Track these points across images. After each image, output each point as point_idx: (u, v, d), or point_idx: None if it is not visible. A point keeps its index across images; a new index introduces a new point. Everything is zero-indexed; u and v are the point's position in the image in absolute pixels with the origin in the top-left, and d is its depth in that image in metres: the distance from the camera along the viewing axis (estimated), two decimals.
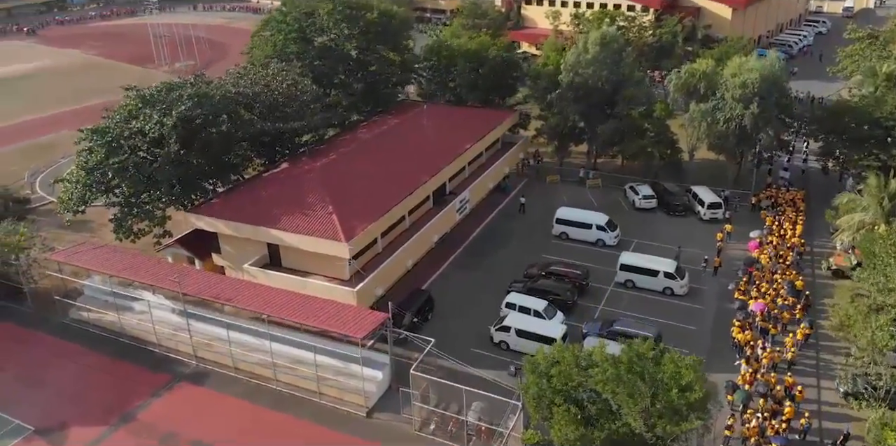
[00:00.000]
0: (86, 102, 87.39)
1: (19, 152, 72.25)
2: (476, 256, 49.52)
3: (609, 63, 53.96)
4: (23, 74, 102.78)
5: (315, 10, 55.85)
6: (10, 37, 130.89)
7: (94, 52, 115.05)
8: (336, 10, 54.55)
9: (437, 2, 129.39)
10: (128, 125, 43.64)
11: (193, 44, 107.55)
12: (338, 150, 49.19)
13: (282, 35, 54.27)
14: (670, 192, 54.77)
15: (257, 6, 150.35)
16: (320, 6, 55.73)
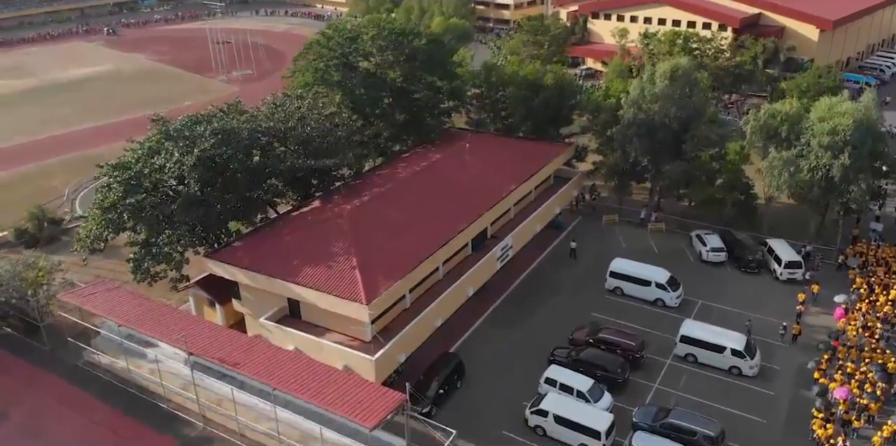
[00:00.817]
0: (141, 112, 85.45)
1: (65, 165, 70.49)
2: (516, 311, 44.30)
3: (678, 98, 47.85)
4: (84, 78, 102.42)
5: (360, 34, 51.57)
6: (79, 37, 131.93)
7: (157, 58, 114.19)
8: (381, 36, 50.09)
9: (501, 12, 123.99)
10: (150, 160, 40.22)
11: (252, 51, 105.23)
12: (372, 190, 44.69)
13: (323, 61, 50.16)
14: (743, 245, 48.21)
15: (320, 13, 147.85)
16: (365, 31, 51.39)
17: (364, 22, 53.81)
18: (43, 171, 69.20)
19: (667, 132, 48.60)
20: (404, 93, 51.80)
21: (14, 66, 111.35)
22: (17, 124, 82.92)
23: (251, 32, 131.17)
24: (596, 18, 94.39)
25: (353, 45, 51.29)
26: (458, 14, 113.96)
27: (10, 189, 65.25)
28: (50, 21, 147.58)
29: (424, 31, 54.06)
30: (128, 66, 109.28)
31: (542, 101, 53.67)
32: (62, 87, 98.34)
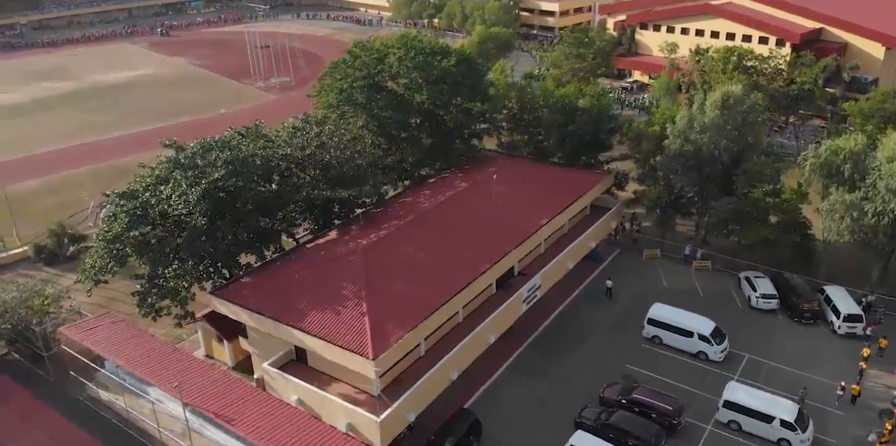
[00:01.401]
0: (175, 120, 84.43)
1: (95, 174, 69.05)
2: (542, 358, 40.56)
3: (730, 129, 43.46)
4: (124, 82, 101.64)
5: (387, 54, 48.32)
6: (122, 39, 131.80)
7: (198, 62, 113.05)
8: (408, 57, 46.74)
9: (546, 19, 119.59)
10: (158, 189, 37.71)
11: (290, 56, 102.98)
12: (391, 222, 41.47)
13: (348, 82, 47.06)
14: (797, 291, 43.52)
15: (362, 17, 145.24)
16: (392, 51, 48.08)
17: (393, 40, 50.57)
18: (72, 181, 67.90)
19: (716, 165, 44.21)
20: (432, 115, 48.48)
21: (58, 67, 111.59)
22: (53, 130, 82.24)
23: (291, 37, 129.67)
24: (644, 29, 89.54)
25: (380, 65, 48.11)
26: (501, 21, 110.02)
27: (37, 199, 64.06)
28: (98, 21, 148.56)
29: (454, 50, 50.26)
30: (167, 71, 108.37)
31: (577, 127, 49.67)
32: (101, 91, 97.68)
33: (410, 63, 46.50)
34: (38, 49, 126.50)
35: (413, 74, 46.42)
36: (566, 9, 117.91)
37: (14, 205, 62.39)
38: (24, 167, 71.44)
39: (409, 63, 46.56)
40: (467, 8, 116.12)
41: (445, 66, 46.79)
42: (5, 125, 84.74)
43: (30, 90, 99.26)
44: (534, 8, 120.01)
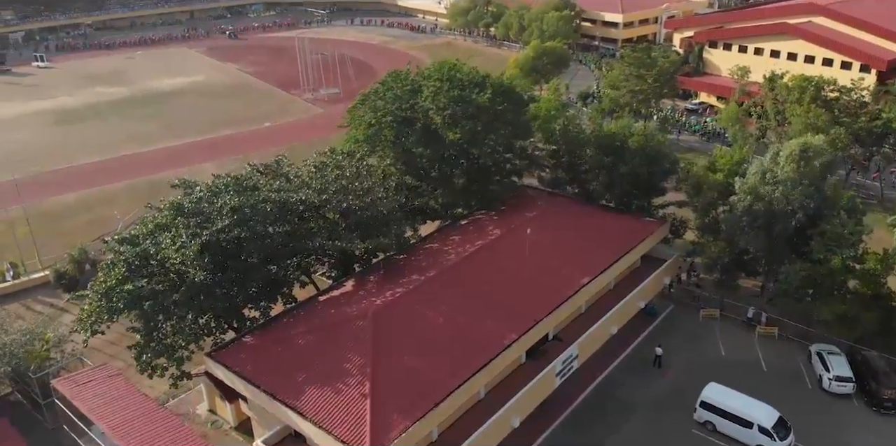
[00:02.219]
0: (220, 132, 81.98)
1: (130, 190, 66.88)
2: (575, 441, 35.33)
3: (806, 184, 37.32)
4: (173, 90, 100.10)
5: (421, 86, 43.77)
6: (178, 42, 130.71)
7: (250, 70, 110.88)
8: (442, 92, 42.01)
9: (608, 31, 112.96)
10: (158, 237, 34.19)
11: (340, 66, 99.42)
12: (411, 276, 36.99)
13: (377, 116, 42.66)
14: (878, 374, 37.01)
15: (417, 24, 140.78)
16: (426, 84, 43.42)
17: (430, 70, 45.96)
18: (106, 196, 65.82)
19: (789, 223, 38.10)
20: (466, 153, 43.70)
21: (115, 71, 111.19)
22: (98, 139, 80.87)
23: (344, 44, 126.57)
24: (714, 48, 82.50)
25: (412, 100, 43.56)
26: (560, 33, 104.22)
27: (69, 216, 62.12)
28: (160, 23, 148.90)
29: (492, 82, 45.10)
30: (219, 78, 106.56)
31: (627, 170, 44.02)
32: (150, 98, 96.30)
33: (445, 97, 41.84)
34: (99, 50, 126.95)
35: (445, 113, 41.71)
36: (630, 20, 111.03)
37: (45, 222, 60.83)
38: (64, 179, 69.99)
39: (443, 98, 41.90)
40: (525, 18, 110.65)
41: (481, 100, 41.93)
42: (54, 132, 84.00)
43: (83, 95, 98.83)
44: (596, 18, 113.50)
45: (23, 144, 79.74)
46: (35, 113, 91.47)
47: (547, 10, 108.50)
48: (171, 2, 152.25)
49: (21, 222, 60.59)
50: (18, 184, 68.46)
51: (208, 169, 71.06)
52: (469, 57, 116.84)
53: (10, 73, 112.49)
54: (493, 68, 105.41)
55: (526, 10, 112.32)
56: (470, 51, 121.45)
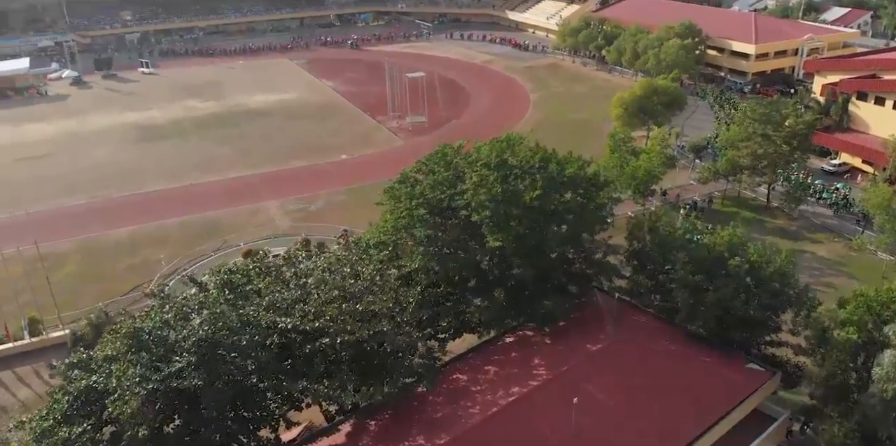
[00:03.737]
0: (292, 163, 76.15)
1: (184, 228, 61.90)
2: None
3: None
4: (262, 109, 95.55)
5: (463, 172, 34.72)
6: (276, 53, 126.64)
7: (343, 89, 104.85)
8: (485, 185, 32.63)
9: (737, 62, 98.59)
10: (108, 371, 27.42)
11: (432, 89, 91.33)
12: (416, 438, 28.35)
13: (410, 205, 33.99)
14: None
15: (523, 42, 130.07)
16: (470, 173, 34.14)
17: (484, 150, 36.79)
18: (158, 235, 61.08)
19: None
20: (508, 261, 34.16)
21: (211, 82, 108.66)
22: (171, 162, 77.10)
23: (442, 62, 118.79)
24: (863, 100, 67.95)
25: (450, 190, 34.59)
26: (680, 63, 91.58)
27: (113, 257, 57.55)
28: (270, 29, 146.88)
29: (554, 169, 35.16)
30: (309, 97, 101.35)
31: (721, 296, 32.92)
32: (236, 117, 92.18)
33: (489, 193, 32.59)
34: (203, 58, 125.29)
35: (485, 212, 32.47)
36: (764, 51, 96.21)
37: (88, 261, 56.74)
38: (125, 209, 66.10)
39: (484, 193, 32.66)
40: (640, 43, 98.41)
41: (527, 198, 32.35)
42: (132, 151, 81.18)
43: (174, 108, 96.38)
44: (723, 47, 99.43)
45: (99, 163, 77.32)
46: (122, 126, 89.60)
47: (667, 36, 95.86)
48: (283, 9, 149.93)
49: (66, 259, 57.22)
50: (76, 212, 65.81)
51: (269, 208, 65.50)
52: (574, 82, 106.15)
53: (116, 79, 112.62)
54: (597, 99, 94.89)
55: (643, 35, 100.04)
56: (576, 75, 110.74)
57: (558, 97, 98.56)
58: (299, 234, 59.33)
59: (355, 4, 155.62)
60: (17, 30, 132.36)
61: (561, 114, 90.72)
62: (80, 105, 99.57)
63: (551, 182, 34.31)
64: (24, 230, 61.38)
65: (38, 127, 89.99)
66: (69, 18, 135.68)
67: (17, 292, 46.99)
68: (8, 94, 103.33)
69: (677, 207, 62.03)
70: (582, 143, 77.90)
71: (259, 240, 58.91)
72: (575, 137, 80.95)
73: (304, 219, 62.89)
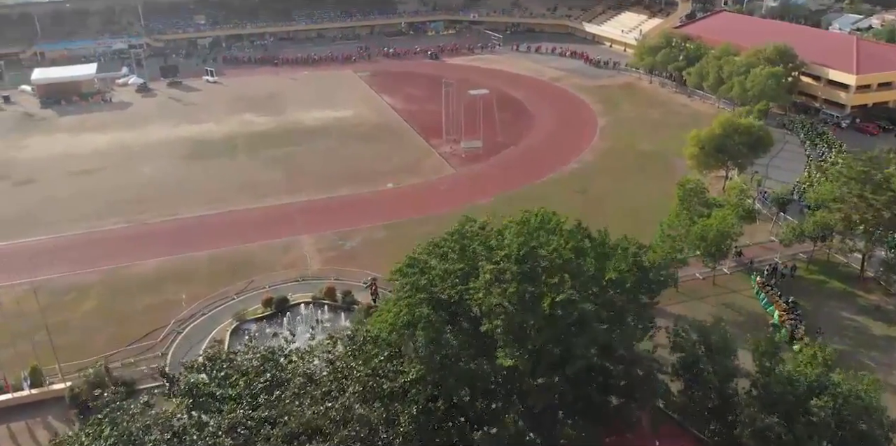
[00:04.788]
0: (338, 190, 71.54)
1: (213, 263, 58.13)
2: None
3: None
4: (318, 127, 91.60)
5: (480, 263, 28.57)
6: (346, 64, 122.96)
7: (400, 107, 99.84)
8: (502, 279, 26.22)
9: (835, 93, 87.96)
10: None
11: (490, 108, 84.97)
12: None
13: (408, 302, 28.15)
14: None
15: (595, 56, 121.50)
16: (486, 264, 27.91)
17: (507, 232, 30.50)
18: (185, 269, 57.60)
19: None
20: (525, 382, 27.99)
21: (271, 95, 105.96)
22: (215, 184, 73.88)
23: (508, 77, 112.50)
24: None
25: (463, 285, 28.58)
26: (768, 93, 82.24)
27: (134, 294, 54.18)
28: (340, 37, 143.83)
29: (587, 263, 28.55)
30: (365, 115, 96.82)
31: None
32: (289, 136, 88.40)
33: (503, 295, 26.42)
34: (267, 67, 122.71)
35: (496, 321, 26.38)
36: (867, 83, 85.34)
37: (108, 298, 53.79)
38: (157, 237, 63.08)
39: (500, 294, 26.51)
40: (725, 69, 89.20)
41: (547, 305, 26.02)
42: (179, 170, 78.61)
43: (230, 123, 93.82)
44: (820, 75, 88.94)
45: (144, 181, 75.09)
46: (176, 140, 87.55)
47: (756, 61, 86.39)
48: (354, 16, 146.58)
49: (89, 293, 54.57)
50: (110, 237, 63.42)
51: (304, 244, 61.28)
52: (648, 106, 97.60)
53: (180, 87, 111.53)
54: (672, 127, 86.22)
55: (729, 58, 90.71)
56: (651, 98, 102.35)
57: (629, 123, 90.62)
58: (328, 277, 55.02)
59: (427, 13, 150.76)
60: (94, 31, 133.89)
61: (630, 143, 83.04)
62: (140, 114, 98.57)
63: (584, 284, 27.92)
64: (57, 256, 59.81)
65: (94, 137, 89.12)
66: (144, 21, 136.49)
67: (33, 328, 44.55)
68: (74, 99, 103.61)
69: (753, 271, 54.11)
70: (648, 184, 70.38)
71: (285, 282, 54.73)
72: (641, 175, 73.60)
73: (337, 260, 58.26)
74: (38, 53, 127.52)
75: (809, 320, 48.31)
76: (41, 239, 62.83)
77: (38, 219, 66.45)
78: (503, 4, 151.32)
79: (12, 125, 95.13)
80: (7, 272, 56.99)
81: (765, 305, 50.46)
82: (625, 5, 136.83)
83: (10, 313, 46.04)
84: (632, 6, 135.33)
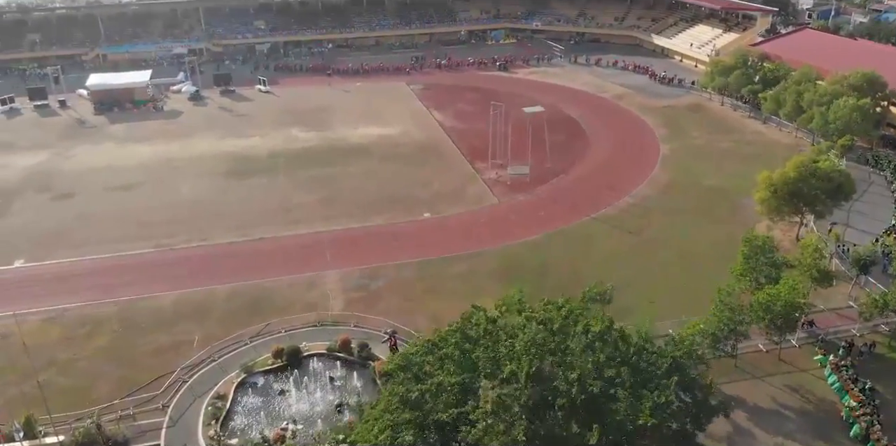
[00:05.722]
0: (373, 219, 67.15)
1: (232, 298, 54.61)
2: None
3: None
4: (362, 145, 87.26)
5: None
6: (400, 75, 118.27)
7: (449, 125, 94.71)
8: (509, 414, 20.86)
9: None
10: None
11: (540, 129, 79.02)
12: None
13: (395, 420, 23.23)
14: None
15: (661, 72, 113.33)
16: (488, 385, 22.65)
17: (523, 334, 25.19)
18: (202, 305, 54.32)
19: None
20: None
21: (321, 108, 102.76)
22: (249, 207, 70.53)
23: (567, 93, 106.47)
24: None
25: (459, 408, 23.45)
26: (853, 127, 73.76)
27: (148, 330, 51.20)
28: (398, 45, 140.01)
29: (620, 403, 22.75)
30: (413, 133, 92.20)
31: None
32: (332, 155, 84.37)
33: (506, 433, 21.19)
34: (318, 76, 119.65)
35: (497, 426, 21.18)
36: None
37: (119, 336, 51.10)
38: (181, 265, 60.26)
39: (501, 431, 21.31)
40: (805, 97, 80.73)
41: None
42: (216, 188, 75.82)
43: (274, 138, 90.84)
44: None
45: (180, 200, 72.74)
46: (220, 155, 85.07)
47: (840, 90, 77.68)
48: (413, 23, 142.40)
49: (102, 328, 52.11)
50: (135, 263, 61.05)
51: (329, 280, 57.47)
52: (718, 132, 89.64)
53: (233, 96, 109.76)
54: (742, 159, 78.59)
55: (811, 85, 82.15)
56: (722, 122, 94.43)
57: (695, 152, 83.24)
58: (347, 324, 51.00)
59: (488, 21, 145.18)
60: (156, 35, 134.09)
61: (694, 177, 75.79)
62: (188, 125, 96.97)
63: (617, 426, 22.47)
64: (79, 282, 57.89)
65: (139, 149, 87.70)
66: (206, 26, 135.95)
67: (45, 364, 42.55)
68: (126, 106, 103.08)
69: (825, 346, 47.03)
70: (710, 228, 63.40)
71: (302, 327, 50.92)
72: (704, 216, 66.80)
73: (360, 302, 54.07)
74: (100, 56, 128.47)
75: (889, 412, 41.35)
76: (66, 262, 60.97)
77: (68, 239, 64.80)
78: (569, 13, 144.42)
79: (63, 132, 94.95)
80: (27, 298, 55.33)
81: (836, 390, 43.57)
82: (699, 17, 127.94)
83: (20, 349, 43.48)
84: (706, 19, 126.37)
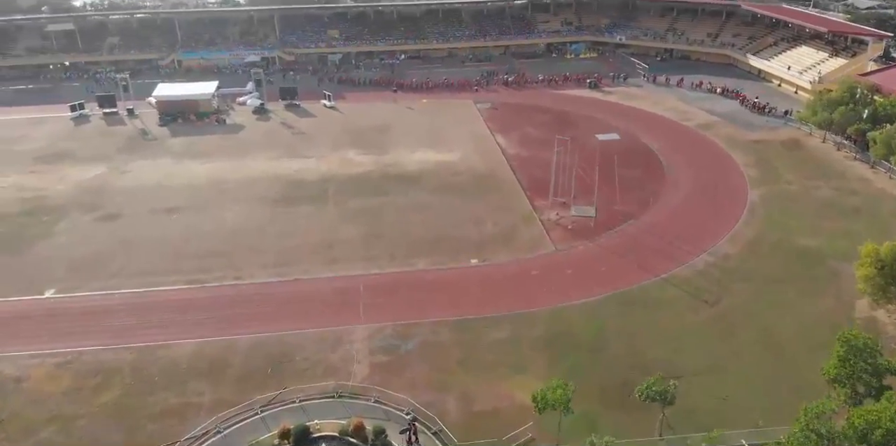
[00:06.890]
0: (416, 263, 61.31)
1: (253, 352, 49.88)
2: None
3: None
4: (418, 173, 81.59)
5: None
6: (467, 93, 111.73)
7: (512, 152, 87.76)
8: None
9: None
10: None
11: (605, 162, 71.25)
12: None
13: None
14: None
15: (758, 103, 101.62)
16: None
17: None
18: (220, 357, 49.70)
19: None
20: None
21: (382, 127, 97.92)
22: (289, 242, 65.80)
23: (647, 120, 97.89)
24: None
25: None
26: None
27: (159, 385, 47.28)
28: (471, 58, 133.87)
29: None
30: (473, 160, 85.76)
31: None
32: (385, 183, 79.20)
33: None
34: (385, 93, 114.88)
35: None
36: None
37: (132, 388, 47.01)
38: (207, 307, 56.08)
39: None
40: None
41: None
42: (261, 216, 71.67)
43: (329, 160, 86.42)
44: None
45: (221, 229, 68.97)
46: (272, 178, 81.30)
47: None
48: (489, 34, 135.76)
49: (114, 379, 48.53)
50: (160, 301, 57.55)
51: (356, 338, 52.19)
52: (817, 176, 78.64)
53: (297, 110, 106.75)
54: (844, 212, 67.87)
55: None
56: (822, 164, 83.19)
57: (788, 200, 72.76)
58: (368, 396, 45.42)
59: (569, 33, 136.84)
60: (231, 42, 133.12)
61: (784, 232, 65.62)
62: (247, 142, 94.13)
63: None
64: (102, 320, 54.92)
65: (194, 167, 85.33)
66: (279, 34, 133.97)
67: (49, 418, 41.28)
68: (190, 117, 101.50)
69: None
70: (802, 302, 53.74)
71: (320, 397, 45.78)
72: (794, 286, 57.38)
73: (386, 368, 48.38)
74: (175, 61, 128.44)
75: None
76: (97, 295, 58.16)
77: (104, 268, 62.04)
78: (657, 27, 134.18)
79: (125, 144, 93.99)
80: (50, 335, 52.84)
81: None
82: (802, 38, 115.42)
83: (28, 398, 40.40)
84: (810, 40, 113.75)
